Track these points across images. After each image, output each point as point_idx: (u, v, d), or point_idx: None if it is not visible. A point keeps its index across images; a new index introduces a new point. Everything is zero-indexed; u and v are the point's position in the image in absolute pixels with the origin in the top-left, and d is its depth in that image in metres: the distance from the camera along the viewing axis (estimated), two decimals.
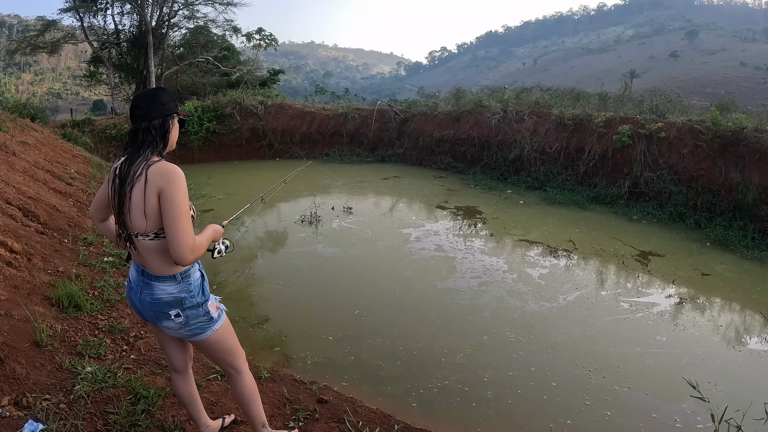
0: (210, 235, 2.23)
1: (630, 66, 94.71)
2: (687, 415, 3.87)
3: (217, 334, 2.27)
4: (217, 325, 2.26)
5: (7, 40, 79.66)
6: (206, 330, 2.22)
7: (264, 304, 5.84)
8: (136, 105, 2.09)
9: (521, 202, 11.41)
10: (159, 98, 2.11)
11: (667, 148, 10.83)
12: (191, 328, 2.19)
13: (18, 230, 5.04)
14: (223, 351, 2.35)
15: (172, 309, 2.12)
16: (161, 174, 1.96)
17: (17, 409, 2.67)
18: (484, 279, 6.67)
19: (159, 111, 2.08)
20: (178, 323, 2.15)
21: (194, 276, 2.18)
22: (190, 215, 2.02)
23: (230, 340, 2.37)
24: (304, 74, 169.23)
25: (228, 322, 2.35)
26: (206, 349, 2.33)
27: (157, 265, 2.08)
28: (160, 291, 2.10)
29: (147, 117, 2.06)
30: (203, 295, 2.20)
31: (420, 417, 3.71)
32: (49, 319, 3.66)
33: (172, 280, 2.10)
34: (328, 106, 20.17)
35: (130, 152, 2.05)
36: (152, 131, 2.06)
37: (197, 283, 2.18)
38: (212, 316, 2.23)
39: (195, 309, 2.16)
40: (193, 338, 2.24)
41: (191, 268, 2.16)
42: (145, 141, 2.04)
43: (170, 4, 23.81)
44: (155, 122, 2.07)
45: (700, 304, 6.20)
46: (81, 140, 15.00)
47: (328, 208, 10.33)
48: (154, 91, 2.16)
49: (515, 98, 15.81)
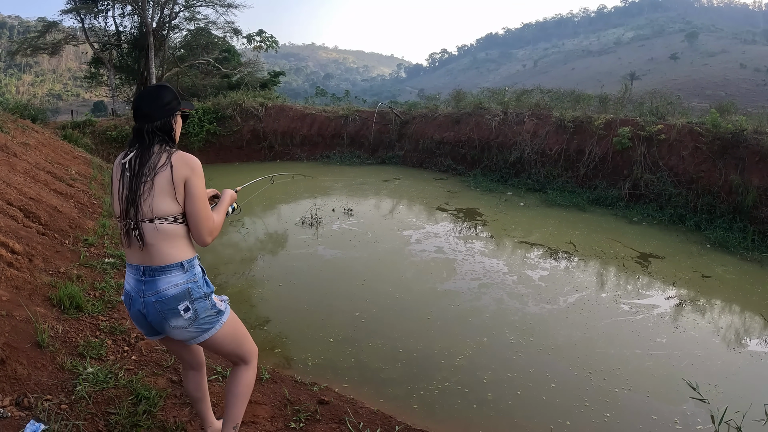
0: (226, 206, 2.35)
1: (630, 68, 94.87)
2: (687, 417, 3.87)
3: (227, 327, 2.24)
4: (225, 317, 2.23)
5: (7, 41, 79.79)
6: (215, 324, 2.18)
7: (264, 305, 5.84)
8: (138, 106, 2.09)
9: (521, 204, 11.42)
10: (161, 99, 2.11)
11: (667, 150, 10.85)
12: (201, 324, 2.13)
13: (19, 231, 5.04)
14: (235, 343, 2.31)
15: (181, 302, 2.06)
16: (185, 162, 2.05)
17: (18, 409, 2.67)
18: (485, 281, 6.67)
19: (161, 113, 2.09)
20: (188, 319, 2.08)
21: (197, 267, 2.16)
22: (208, 200, 2.16)
23: (240, 331, 2.34)
24: (304, 76, 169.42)
25: (234, 314, 2.32)
26: (218, 344, 2.25)
27: (164, 251, 2.04)
28: (165, 284, 2.04)
29: (150, 119, 2.06)
30: (208, 285, 2.18)
31: (421, 418, 3.72)
32: (51, 320, 3.66)
33: (179, 269, 2.07)
34: (328, 108, 20.17)
35: (139, 149, 2.05)
36: (157, 133, 2.08)
37: (200, 275, 2.16)
38: (220, 309, 2.21)
39: (203, 301, 2.12)
40: (203, 336, 2.16)
41: (195, 258, 2.15)
42: (152, 142, 2.07)
43: (171, 6, 23.85)
44: (158, 123, 2.08)
45: (700, 306, 6.20)
46: (82, 141, 15.05)
47: (329, 209, 10.34)
48: (157, 90, 2.15)
49: (515, 100, 15.81)
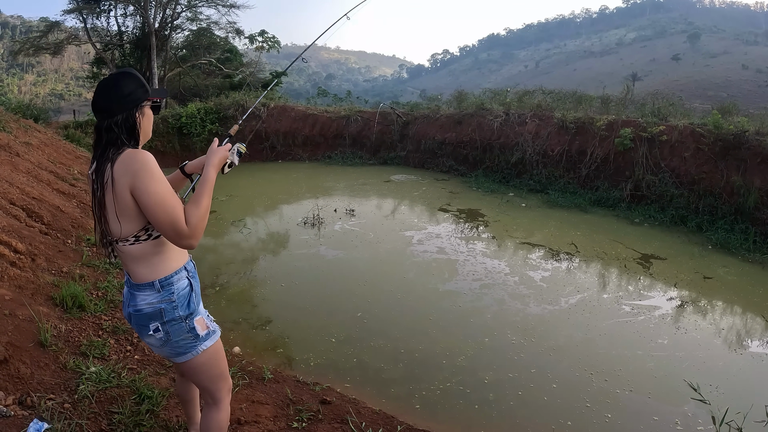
0: (208, 189, 1.88)
1: (632, 69, 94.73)
2: (688, 418, 3.88)
3: (203, 358, 1.96)
4: (204, 345, 1.95)
5: (10, 41, 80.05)
6: (190, 350, 1.93)
7: (266, 305, 5.85)
8: (95, 99, 1.77)
9: (523, 205, 11.42)
10: (120, 89, 1.77)
11: (668, 151, 10.84)
12: (173, 347, 1.90)
13: (22, 231, 5.06)
14: (208, 377, 2.04)
15: (152, 322, 1.85)
16: (125, 169, 1.69)
17: (21, 408, 2.68)
18: (486, 281, 6.68)
19: (120, 105, 1.77)
20: (159, 339, 1.88)
21: (179, 285, 1.89)
22: (173, 198, 1.74)
23: (217, 366, 2.05)
24: (306, 76, 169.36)
25: (219, 346, 2.05)
26: (191, 371, 2.03)
27: (138, 272, 1.85)
28: (140, 301, 1.85)
29: (108, 113, 1.75)
30: (188, 308, 1.90)
31: (422, 418, 3.73)
32: (53, 320, 3.68)
33: (151, 288, 1.84)
34: (330, 108, 20.16)
35: (97, 155, 1.77)
36: (115, 129, 1.75)
37: (182, 293, 1.90)
38: (198, 334, 1.92)
39: (177, 323, 1.87)
40: (177, 358, 1.95)
41: (174, 275, 1.88)
42: (109, 141, 1.75)
43: (173, 6, 23.93)
44: (117, 118, 1.76)
45: (701, 307, 6.20)
46: (84, 141, 15.05)
47: (331, 210, 10.34)
48: (116, 78, 1.80)
49: (517, 101, 15.81)
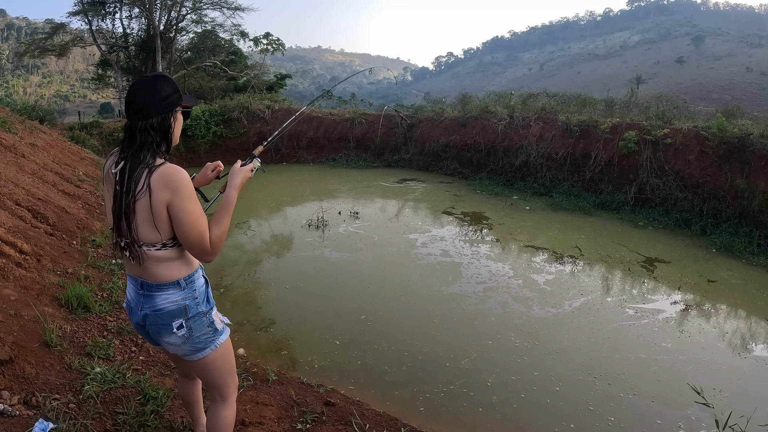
0: (229, 210, 1.92)
1: (636, 71, 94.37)
2: (691, 421, 3.87)
3: (218, 353, 2.03)
4: (221, 339, 2.03)
5: (15, 43, 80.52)
6: (209, 344, 1.99)
7: (270, 307, 5.86)
8: (131, 100, 1.77)
9: (527, 208, 11.41)
10: (159, 91, 1.78)
11: (673, 154, 10.81)
12: (194, 342, 1.96)
13: (27, 231, 5.09)
14: (220, 373, 2.09)
15: (176, 319, 1.89)
16: (165, 184, 1.72)
17: (26, 408, 2.69)
18: (490, 284, 6.67)
19: (158, 108, 1.78)
20: (181, 336, 1.92)
21: (198, 282, 1.96)
22: (204, 218, 1.81)
23: (229, 361, 2.12)
24: (310, 79, 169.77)
25: (229, 342, 2.11)
26: (204, 368, 2.05)
27: (159, 273, 1.86)
28: (162, 300, 1.88)
29: (144, 115, 1.76)
30: (208, 302, 1.99)
31: (426, 421, 3.73)
32: (58, 320, 3.69)
33: (176, 287, 1.88)
34: (334, 110, 20.20)
35: (128, 155, 1.76)
36: (151, 132, 1.76)
37: (202, 290, 1.97)
38: (216, 328, 2.01)
39: (200, 318, 1.94)
40: (195, 355, 1.99)
41: (195, 273, 1.94)
42: (144, 144, 1.75)
43: (178, 9, 24.04)
44: (153, 121, 1.77)
45: (705, 310, 6.18)
46: (89, 143, 15.17)
47: (335, 212, 10.36)
48: (154, 81, 1.81)
49: (521, 104, 15.82)
